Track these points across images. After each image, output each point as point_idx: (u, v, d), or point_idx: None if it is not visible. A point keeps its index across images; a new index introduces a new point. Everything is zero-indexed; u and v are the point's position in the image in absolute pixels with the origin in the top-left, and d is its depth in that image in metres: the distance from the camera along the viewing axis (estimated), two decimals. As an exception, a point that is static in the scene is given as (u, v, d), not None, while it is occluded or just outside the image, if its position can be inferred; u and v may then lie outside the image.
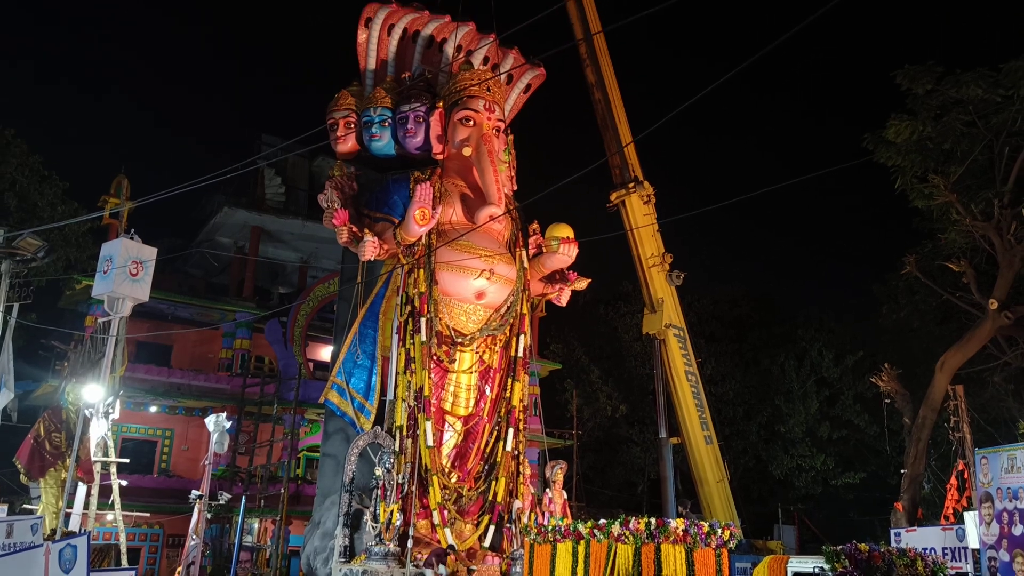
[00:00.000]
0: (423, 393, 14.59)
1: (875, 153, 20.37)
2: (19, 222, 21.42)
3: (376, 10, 16.01)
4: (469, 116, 15.46)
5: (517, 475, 15.38)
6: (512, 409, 15.56)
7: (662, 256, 23.29)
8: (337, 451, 15.29)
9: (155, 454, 25.66)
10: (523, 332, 15.92)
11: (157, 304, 25.01)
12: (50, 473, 16.68)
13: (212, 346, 27.54)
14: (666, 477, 23.21)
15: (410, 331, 14.83)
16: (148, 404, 24.97)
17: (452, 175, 15.88)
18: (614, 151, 22.88)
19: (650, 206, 23.30)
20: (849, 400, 32.30)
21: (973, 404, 21.37)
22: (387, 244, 14.99)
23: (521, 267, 16.01)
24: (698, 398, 23.25)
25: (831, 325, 35.37)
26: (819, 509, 33.61)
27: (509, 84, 17.37)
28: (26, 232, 14.31)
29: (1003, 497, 13.49)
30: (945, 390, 20.81)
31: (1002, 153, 19.53)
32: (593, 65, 23.41)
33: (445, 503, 14.41)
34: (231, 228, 28.79)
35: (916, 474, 21.70)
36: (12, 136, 23.73)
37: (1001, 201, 19.55)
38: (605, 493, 34.42)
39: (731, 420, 32.82)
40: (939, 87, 19.31)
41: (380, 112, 15.73)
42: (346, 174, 15.76)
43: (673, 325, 23.28)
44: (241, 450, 24.61)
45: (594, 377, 33.45)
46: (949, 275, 22.03)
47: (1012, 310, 20.19)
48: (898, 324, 26.89)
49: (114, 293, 14.18)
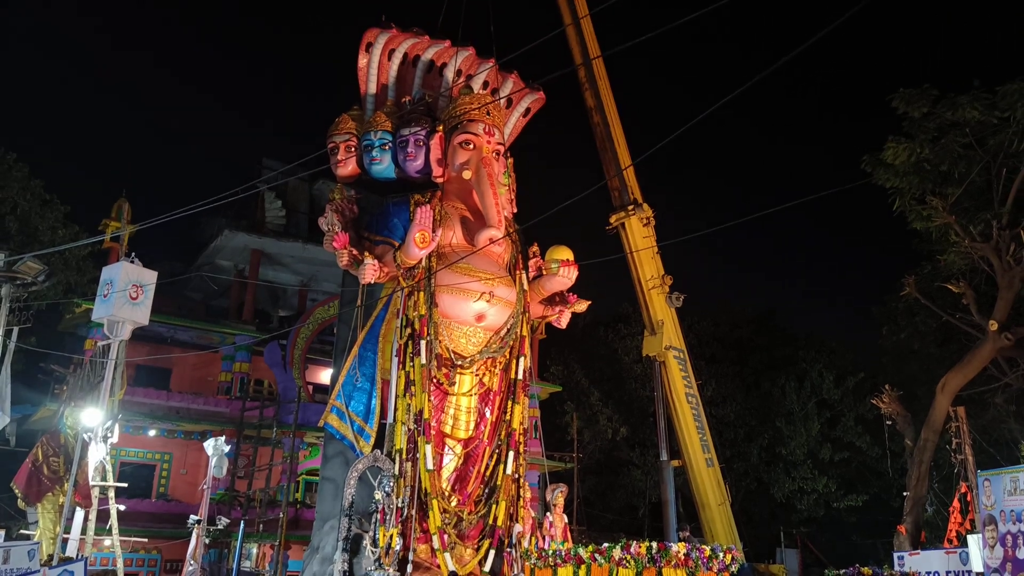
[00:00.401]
0: (423, 416, 14.54)
1: (873, 175, 20.47)
2: (20, 246, 21.48)
3: (377, 35, 16.15)
4: (469, 140, 15.54)
5: (518, 498, 15.28)
6: (512, 432, 15.49)
7: (662, 278, 23.34)
8: (336, 475, 15.21)
9: (153, 478, 25.52)
10: (523, 354, 15.89)
11: (156, 327, 24.99)
12: (48, 498, 16.58)
13: (211, 369, 27.49)
14: (667, 500, 23.10)
15: (410, 354, 14.80)
16: (147, 428, 24.87)
17: (452, 198, 15.94)
18: (613, 174, 23.00)
19: (649, 228, 23.38)
20: (850, 422, 32.19)
21: (975, 425, 21.30)
22: (387, 267, 15.01)
23: (521, 289, 16.02)
24: (699, 420, 23.19)
25: (832, 346, 35.36)
26: (821, 532, 33.39)
27: (509, 108, 17.48)
28: (27, 256, 14.34)
29: (1007, 520, 13.42)
30: (946, 412, 20.75)
31: (999, 175, 19.63)
32: (592, 89, 23.59)
33: (445, 527, 14.31)
34: (231, 251, 28.84)
35: (919, 497, 21.58)
36: (14, 160, 23.86)
37: (999, 222, 19.62)
38: (606, 517, 34.20)
39: (732, 442, 32.70)
40: (935, 110, 19.46)
41: (380, 136, 15.81)
42: (346, 197, 15.81)
43: (673, 347, 23.27)
44: (240, 474, 24.48)
45: (594, 399, 33.35)
46: (949, 296, 22.04)
47: (1012, 331, 20.19)
48: (898, 345, 26.87)
49: (114, 317, 14.18)
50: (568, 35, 22.79)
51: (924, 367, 26.28)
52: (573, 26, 22.55)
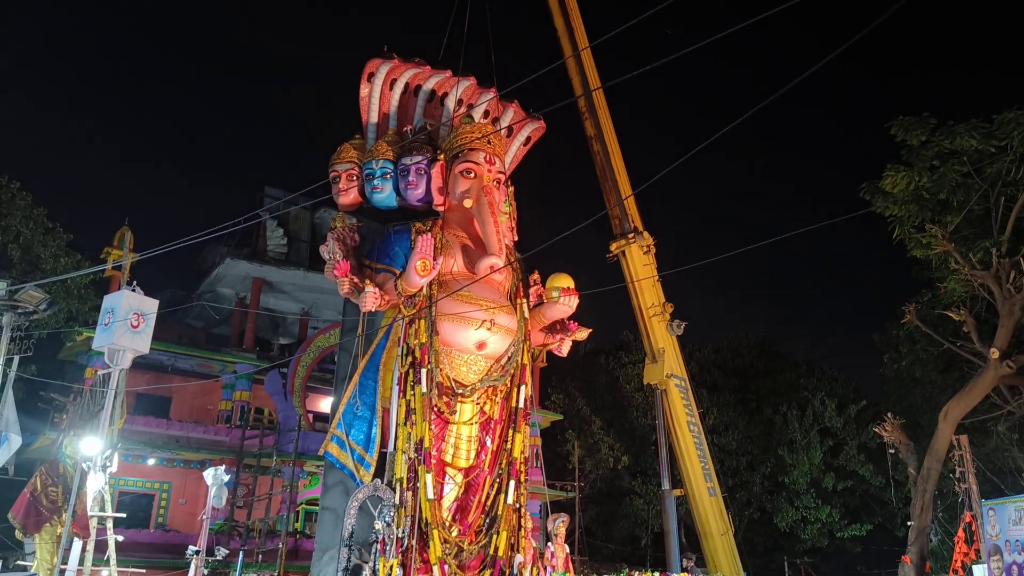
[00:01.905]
0: (424, 445, 14.48)
1: (872, 203, 20.55)
2: (22, 274, 21.53)
3: (379, 65, 16.33)
4: (470, 168, 15.65)
5: (519, 528, 15.16)
6: (513, 461, 15.41)
7: (663, 306, 23.36)
8: (336, 504, 15.11)
9: (152, 508, 25.35)
10: (524, 383, 15.85)
11: (157, 355, 24.98)
12: (46, 528, 16.44)
13: (212, 397, 27.43)
14: (670, 530, 22.91)
15: (411, 382, 14.77)
16: (146, 456, 24.75)
17: (453, 226, 16.01)
18: (614, 202, 23.12)
19: (650, 256, 23.46)
20: (853, 450, 32.03)
21: (978, 454, 21.17)
22: (388, 295, 15.03)
23: (522, 317, 16.02)
24: (700, 449, 23.08)
25: (833, 374, 35.27)
26: (826, 562, 33.10)
27: (509, 137, 17.62)
28: (29, 285, 14.36)
29: (1011, 550, 13.33)
30: (949, 440, 20.64)
31: (998, 203, 19.71)
32: (592, 118, 23.80)
33: (446, 557, 14.19)
34: (233, 279, 28.90)
35: (923, 526, 21.40)
36: (17, 189, 23.99)
37: (999, 250, 19.66)
38: (608, 547, 33.89)
39: (734, 471, 32.50)
40: (933, 138, 19.58)
41: (382, 165, 15.91)
42: (348, 226, 15.86)
43: (674, 375, 23.23)
44: (239, 503, 24.31)
45: (595, 428, 33.21)
46: (949, 324, 22.02)
47: (1014, 359, 20.15)
48: (900, 373, 26.80)
49: (115, 345, 14.15)
50: (568, 66, 23.04)
51: (926, 395, 26.19)
52: (573, 58, 22.80)
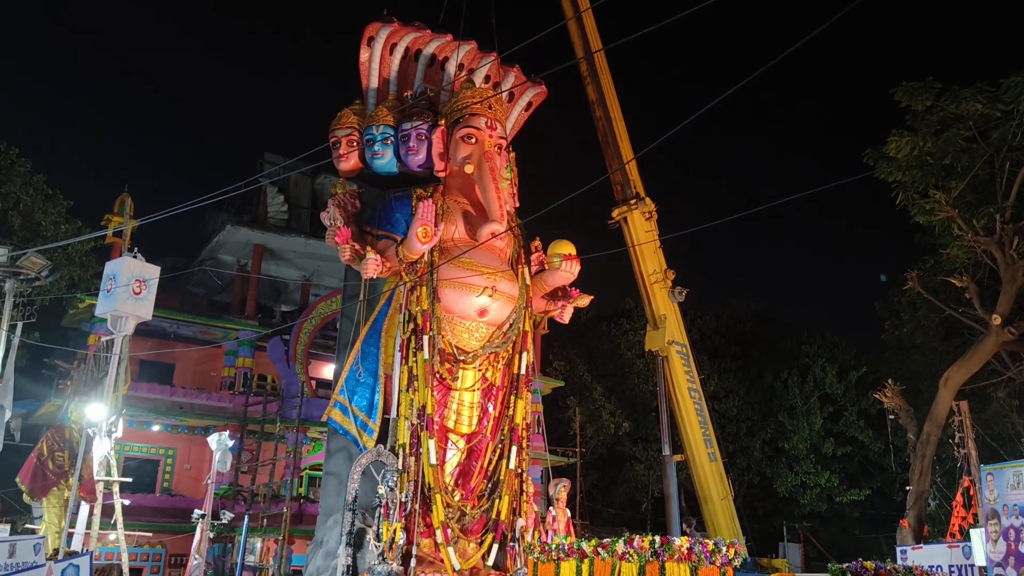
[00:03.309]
0: (426, 411, 14.57)
1: (876, 169, 20.42)
2: (23, 241, 21.50)
3: (378, 29, 16.14)
4: (471, 133, 15.54)
5: (520, 493, 15.31)
6: (515, 427, 15.51)
7: (664, 273, 23.34)
8: (340, 469, 15.25)
9: (157, 473, 25.60)
10: (526, 349, 15.90)
11: (160, 323, 25.05)
12: (53, 492, 16.62)
13: (214, 364, 27.56)
14: (670, 495, 23.12)
15: (413, 349, 14.82)
16: (150, 423, 24.94)
17: (454, 192, 15.94)
18: (615, 168, 22.98)
19: (652, 222, 23.37)
20: (853, 416, 32.19)
21: (977, 420, 21.25)
22: (389, 262, 15.02)
23: (523, 284, 16.02)
24: (701, 415, 23.21)
25: (834, 340, 35.32)
26: (824, 526, 33.41)
27: (511, 102, 17.47)
28: (30, 251, 14.36)
29: (1010, 514, 13.41)
30: (949, 406, 20.72)
31: (1003, 168, 19.56)
32: (594, 83, 23.56)
33: (448, 522, 14.34)
34: (234, 246, 28.87)
35: (922, 491, 21.57)
36: (16, 156, 23.87)
37: (1003, 216, 19.56)
38: (609, 511, 34.25)
39: (735, 437, 32.71)
40: (938, 103, 19.39)
41: (382, 130, 15.80)
42: (348, 192, 15.81)
43: (676, 342, 23.28)
44: (243, 469, 24.55)
45: (597, 394, 33.36)
46: (951, 291, 22.00)
47: (1015, 325, 20.14)
48: (901, 340, 26.84)
49: (117, 312, 14.18)
50: (570, 29, 22.76)
51: (927, 361, 26.25)
52: (575, 20, 22.51)
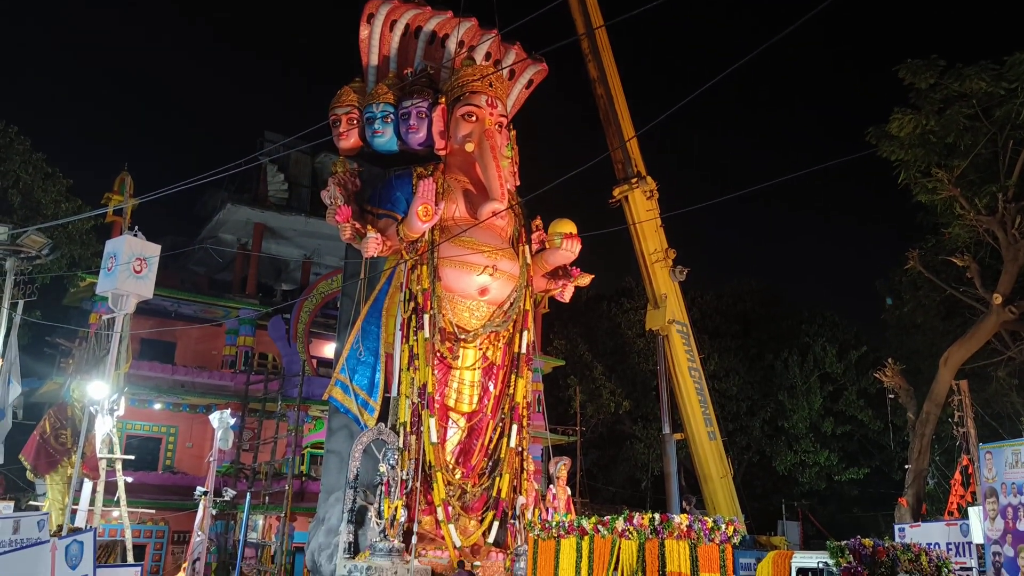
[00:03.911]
0: (427, 390, 14.61)
1: (878, 147, 20.31)
2: (23, 219, 21.46)
3: (378, 6, 16.01)
4: (471, 112, 15.47)
5: (521, 471, 15.39)
6: (516, 405, 15.57)
7: (665, 252, 23.28)
8: (341, 448, 15.32)
9: (160, 451, 25.72)
10: (526, 328, 15.92)
11: (161, 301, 25.06)
12: (56, 470, 16.73)
13: (216, 343, 27.59)
14: (670, 473, 23.21)
15: (413, 327, 14.85)
16: (152, 401, 25.01)
17: (455, 171, 15.89)
18: (616, 146, 22.87)
19: (653, 201, 23.28)
20: (853, 396, 32.26)
21: (977, 399, 21.30)
22: (390, 240, 15.00)
23: (524, 263, 16.01)
24: (701, 394, 23.25)
25: (834, 320, 35.32)
26: (823, 505, 33.59)
27: (511, 80, 17.36)
28: (31, 229, 14.35)
29: (1008, 492, 13.48)
30: (949, 385, 20.75)
31: (1006, 147, 19.46)
32: (595, 60, 23.37)
33: (449, 499, 14.43)
34: (234, 225, 28.81)
35: (920, 469, 21.66)
36: (15, 134, 23.76)
37: (1005, 195, 19.48)
38: (609, 489, 34.43)
39: (735, 416, 32.81)
40: (942, 81, 19.25)
41: (382, 108, 15.73)
42: (349, 170, 15.77)
43: (676, 321, 23.27)
44: (245, 447, 24.65)
45: (597, 373, 33.43)
46: (953, 270, 21.96)
47: (1016, 305, 20.13)
48: (902, 319, 26.83)
49: (118, 290, 14.19)
50: (571, 5, 22.55)
51: (927, 341, 26.26)
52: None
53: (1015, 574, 13.06)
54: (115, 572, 7.23)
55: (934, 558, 10.13)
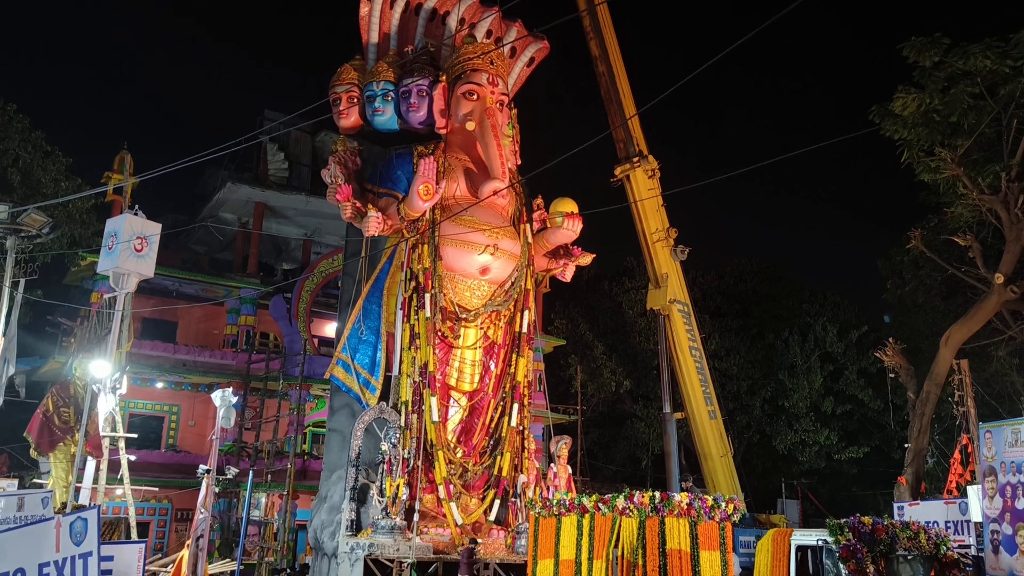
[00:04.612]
0: (428, 369, 14.64)
1: (882, 126, 20.21)
2: (23, 198, 21.40)
3: (378, -18, 15.87)
4: (472, 90, 15.37)
5: (522, 450, 15.46)
6: (517, 385, 15.60)
7: (666, 231, 23.25)
8: (343, 426, 15.38)
9: (162, 429, 25.84)
10: (527, 308, 15.92)
11: (162, 280, 25.07)
12: (59, 448, 16.82)
13: (217, 322, 27.63)
14: (670, 452, 23.33)
15: (414, 307, 14.85)
16: (154, 380, 25.10)
17: (456, 149, 15.82)
18: (618, 124, 22.76)
19: (654, 180, 23.22)
20: (853, 375, 32.32)
21: (977, 378, 21.35)
22: (391, 219, 14.96)
23: (525, 242, 15.98)
24: (702, 373, 23.31)
25: (836, 299, 35.32)
26: (822, 483, 33.77)
27: (512, 57, 17.24)
28: (31, 208, 14.32)
29: (1007, 471, 13.54)
30: (950, 365, 20.80)
31: (1010, 126, 19.37)
32: (597, 38, 23.22)
33: (451, 477, 14.50)
34: (234, 204, 28.75)
35: (920, 448, 21.75)
36: (14, 112, 23.65)
37: (1008, 175, 19.41)
38: (609, 468, 34.59)
39: (735, 395, 32.90)
40: (946, 59, 19.13)
41: (383, 86, 15.63)
42: (349, 149, 15.70)
43: (677, 300, 23.29)
44: (247, 426, 24.76)
45: (598, 353, 33.49)
46: (955, 249, 21.93)
47: (1018, 284, 20.12)
48: (903, 299, 26.83)
49: (119, 269, 14.18)
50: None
51: (928, 320, 26.28)
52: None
53: (1013, 551, 13.14)
54: (119, 548, 7.32)
55: (932, 536, 10.20)
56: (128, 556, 7.42)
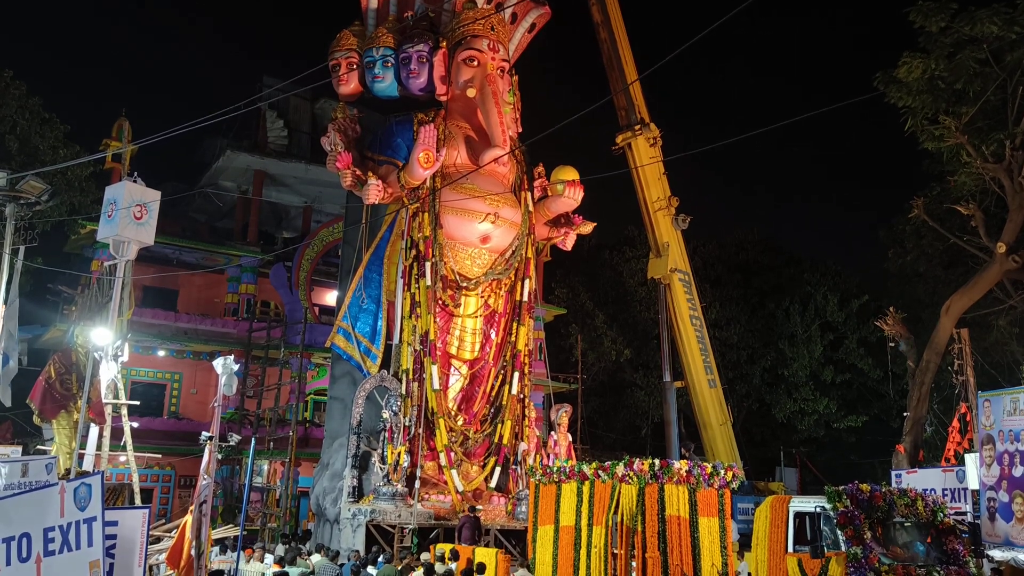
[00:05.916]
0: (429, 337, 14.67)
1: (886, 93, 20.01)
2: (21, 166, 21.26)
3: (378, -54, 15.64)
4: (473, 56, 15.22)
5: (522, 418, 15.55)
6: (517, 353, 15.65)
7: (668, 200, 23.17)
8: (344, 394, 15.45)
9: (164, 397, 25.97)
10: (528, 276, 15.92)
11: (162, 249, 25.04)
12: (62, 414, 16.88)
13: (218, 291, 27.64)
14: (670, 420, 23.46)
15: (415, 275, 14.85)
16: (156, 348, 25.16)
17: (456, 117, 15.71)
18: (619, 91, 22.57)
19: (656, 149, 23.07)
20: (853, 344, 32.38)
21: (977, 348, 21.37)
22: (391, 187, 14.90)
23: (526, 210, 15.93)
24: (702, 342, 23.36)
25: (836, 269, 35.28)
26: (821, 452, 33.98)
27: (513, 24, 17.04)
28: (29, 174, 14.23)
29: (1004, 439, 13.62)
30: (950, 334, 20.80)
31: (1015, 93, 19.17)
32: (599, 4, 22.94)
33: (451, 445, 14.61)
34: (234, 172, 28.59)
35: (919, 417, 21.84)
36: (10, 78, 23.42)
37: (1013, 143, 19.26)
38: (609, 436, 34.79)
39: (735, 364, 32.98)
40: (953, 24, 18.88)
41: (382, 52, 15.48)
42: (349, 116, 15.60)
43: (678, 269, 23.27)
44: (249, 393, 24.87)
45: (599, 322, 33.51)
46: (957, 218, 21.82)
47: (1020, 254, 20.06)
48: (904, 268, 26.77)
49: (119, 236, 14.12)
50: (576, -53, 22.04)
51: (929, 290, 26.24)
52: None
53: (1009, 519, 13.26)
54: (123, 513, 7.36)
55: (930, 503, 10.28)
56: (132, 521, 7.46)
